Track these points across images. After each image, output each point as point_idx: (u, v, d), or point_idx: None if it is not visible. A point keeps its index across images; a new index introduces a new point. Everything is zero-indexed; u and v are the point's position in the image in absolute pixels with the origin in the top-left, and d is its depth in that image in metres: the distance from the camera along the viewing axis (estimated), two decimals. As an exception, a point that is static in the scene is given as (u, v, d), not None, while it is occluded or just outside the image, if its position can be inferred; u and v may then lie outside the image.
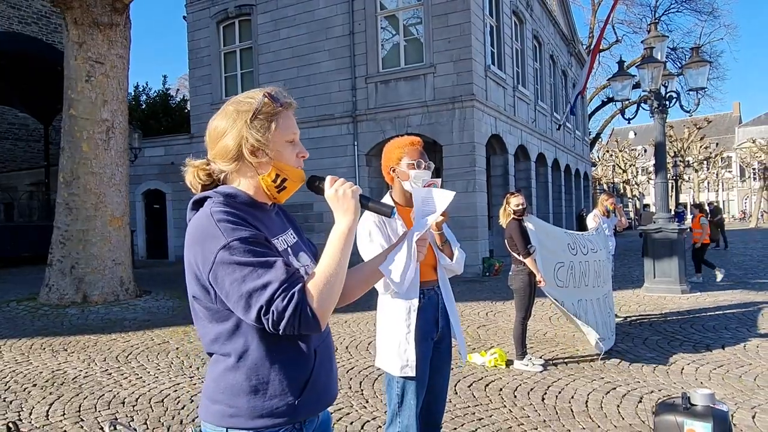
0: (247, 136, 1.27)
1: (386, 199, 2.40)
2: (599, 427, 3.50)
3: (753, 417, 3.60)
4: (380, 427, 3.52)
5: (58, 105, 12.47)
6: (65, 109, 8.66)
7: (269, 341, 1.24)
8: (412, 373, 2.24)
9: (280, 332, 1.15)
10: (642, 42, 9.85)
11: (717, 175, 54.35)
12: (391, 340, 2.29)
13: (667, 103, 9.30)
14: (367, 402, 4.02)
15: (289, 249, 1.34)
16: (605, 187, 40.86)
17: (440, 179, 1.63)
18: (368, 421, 3.66)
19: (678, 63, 24.82)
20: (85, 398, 4.20)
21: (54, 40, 18.09)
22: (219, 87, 15.69)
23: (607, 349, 5.07)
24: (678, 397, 2.58)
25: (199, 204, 1.29)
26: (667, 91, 9.40)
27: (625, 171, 45.96)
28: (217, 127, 1.32)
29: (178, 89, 25.86)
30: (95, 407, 4.00)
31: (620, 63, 10.06)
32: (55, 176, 10.96)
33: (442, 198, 1.61)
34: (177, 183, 16.28)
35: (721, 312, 7.17)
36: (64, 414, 3.87)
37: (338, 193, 1.29)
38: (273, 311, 1.12)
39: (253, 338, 1.24)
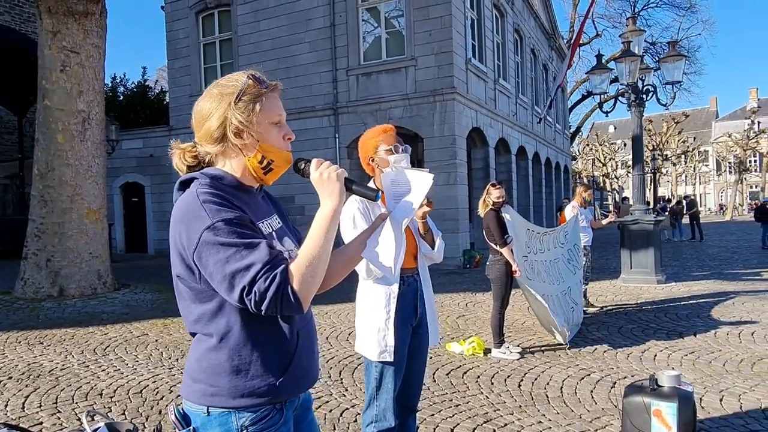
0: (231, 117, 1.27)
1: None
2: (573, 411, 3.58)
3: (720, 400, 3.71)
4: (359, 414, 3.55)
5: (32, 96, 12.19)
6: (39, 99, 8.49)
7: (252, 322, 1.25)
8: (390, 358, 2.28)
9: (263, 313, 1.16)
10: (620, 36, 9.98)
11: (694, 168, 55.41)
12: (370, 325, 2.32)
13: (644, 96, 9.45)
14: (347, 390, 4.06)
15: (273, 233, 1.34)
16: (585, 180, 41.35)
17: (428, 169, 1.63)
18: (347, 408, 3.70)
19: (657, 58, 25.17)
20: (62, 390, 4.17)
21: (28, 29, 17.65)
22: (198, 78, 15.49)
23: (569, 340, 5.18)
24: (646, 379, 2.66)
25: (185, 185, 1.31)
26: (645, 84, 9.55)
27: (604, 164, 46.56)
28: (202, 109, 1.32)
29: (156, 81, 25.44)
30: (72, 399, 3.97)
31: (599, 57, 10.19)
32: (29, 169, 10.74)
33: (420, 181, 1.54)
34: (156, 176, 16.09)
35: (694, 301, 7.35)
36: (41, 406, 3.84)
37: (323, 176, 1.30)
38: (255, 292, 1.13)
39: (236, 319, 1.25)
